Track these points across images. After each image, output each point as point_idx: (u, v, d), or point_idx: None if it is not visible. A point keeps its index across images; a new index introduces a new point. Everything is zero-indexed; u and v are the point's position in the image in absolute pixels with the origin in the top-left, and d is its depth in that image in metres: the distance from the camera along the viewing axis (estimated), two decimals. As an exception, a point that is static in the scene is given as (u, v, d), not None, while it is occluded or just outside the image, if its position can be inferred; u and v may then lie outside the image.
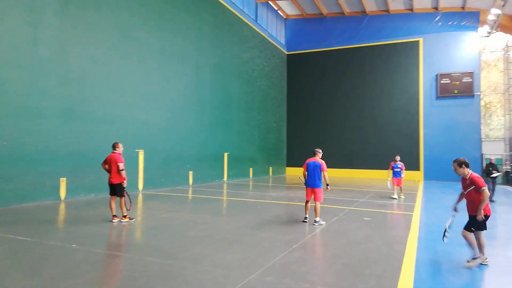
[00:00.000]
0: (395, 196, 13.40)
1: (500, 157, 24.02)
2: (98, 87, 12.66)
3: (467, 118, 24.15)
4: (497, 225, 9.11)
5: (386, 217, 9.33)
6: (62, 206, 10.23)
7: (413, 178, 25.19)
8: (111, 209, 8.17)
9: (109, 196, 8.30)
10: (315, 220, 8.32)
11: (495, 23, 23.45)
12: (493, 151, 24.61)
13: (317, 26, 29.34)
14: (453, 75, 24.48)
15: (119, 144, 8.42)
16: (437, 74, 25.02)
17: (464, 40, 24.58)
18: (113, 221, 8.03)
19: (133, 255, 5.50)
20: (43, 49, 10.83)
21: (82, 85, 12.08)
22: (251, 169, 23.73)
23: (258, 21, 25.57)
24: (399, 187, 13.57)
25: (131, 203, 8.43)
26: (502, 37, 27.04)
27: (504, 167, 23.53)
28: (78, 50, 11.93)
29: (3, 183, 9.69)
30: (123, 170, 8.09)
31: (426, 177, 24.97)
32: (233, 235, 7.05)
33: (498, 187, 20.96)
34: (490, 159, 14.74)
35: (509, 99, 24.48)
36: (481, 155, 23.71)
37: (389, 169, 13.81)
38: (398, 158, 13.97)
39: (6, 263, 5.04)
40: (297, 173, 28.98)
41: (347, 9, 27.63)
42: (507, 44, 24.60)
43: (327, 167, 8.74)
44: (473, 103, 24.15)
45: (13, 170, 9.93)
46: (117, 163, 8.03)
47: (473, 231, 5.34)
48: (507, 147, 23.93)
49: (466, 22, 24.52)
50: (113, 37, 13.30)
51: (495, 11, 22.21)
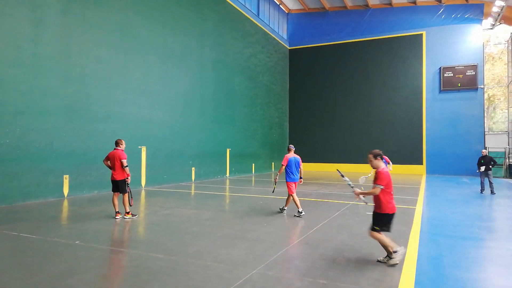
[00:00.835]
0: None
1: (503, 150, 23.92)
2: (100, 85, 12.68)
3: (471, 112, 24.04)
4: (499, 218, 9.10)
5: (389, 212, 9.31)
6: (65, 203, 10.30)
7: (416, 172, 25.15)
8: (114, 205, 8.23)
9: (112, 193, 8.34)
10: (282, 208, 9.23)
11: (499, 15, 23.25)
12: (496, 144, 24.52)
13: (320, 20, 29.20)
14: (456, 68, 24.34)
15: (122, 140, 8.46)
16: (440, 68, 24.87)
17: (467, 33, 24.39)
18: (116, 217, 8.09)
19: (137, 251, 5.54)
20: (45, 47, 10.85)
21: (85, 83, 12.11)
22: (253, 164, 23.76)
23: (260, 16, 25.48)
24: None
25: (132, 199, 8.45)
26: (506, 30, 26.84)
27: (507, 160, 23.44)
28: (80, 49, 11.94)
29: (7, 180, 9.76)
30: (127, 166, 8.16)
31: (429, 171, 24.93)
32: (236, 231, 7.07)
33: (501, 180, 20.93)
34: (482, 152, 14.68)
35: (513, 92, 24.32)
36: (485, 148, 23.62)
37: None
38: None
39: (10, 260, 5.09)
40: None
41: (349, 3, 27.47)
42: (511, 36, 24.38)
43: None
44: (476, 96, 24.02)
45: (17, 168, 10.00)
46: (120, 159, 8.08)
47: (377, 230, 5.01)
48: (511, 140, 23.80)
49: (469, 14, 24.32)
50: (115, 35, 13.30)
51: (499, 3, 22.01)
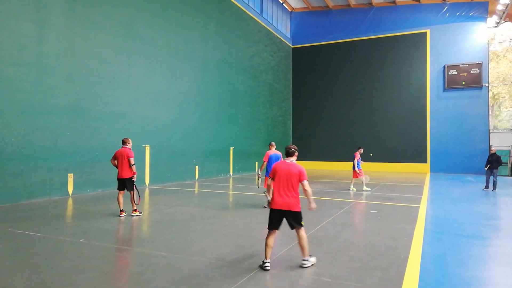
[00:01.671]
0: (367, 188, 13.76)
1: (508, 149, 23.79)
2: (104, 84, 12.73)
3: (475, 110, 23.90)
4: (504, 217, 9.05)
5: (392, 210, 9.31)
6: (70, 202, 10.36)
7: (420, 170, 25.07)
8: (119, 203, 8.29)
9: (117, 191, 8.40)
10: (267, 204, 9.23)
11: (503, 13, 23.11)
12: (501, 142, 24.39)
13: (323, 19, 29.12)
14: (461, 66, 24.20)
15: (129, 139, 8.57)
16: (444, 66, 24.74)
17: (472, 31, 24.24)
18: (120, 215, 8.15)
19: (141, 249, 5.57)
20: (49, 47, 10.90)
21: (89, 82, 12.16)
22: (256, 163, 23.75)
23: (263, 15, 25.44)
24: (357, 178, 13.93)
25: (139, 198, 8.57)
26: (511, 27, 26.66)
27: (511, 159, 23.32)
28: (84, 48, 11.99)
29: (12, 179, 9.82)
30: (134, 164, 8.27)
31: (433, 170, 24.83)
32: (239, 229, 7.09)
33: (506, 178, 20.84)
34: (492, 150, 14.85)
35: (518, 90, 24.17)
36: (489, 146, 23.50)
37: (358, 160, 13.84)
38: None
39: (15, 258, 5.13)
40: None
41: (353, 1, 27.37)
42: (516, 34, 24.22)
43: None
44: (481, 95, 23.88)
45: (22, 167, 10.06)
46: (128, 158, 8.19)
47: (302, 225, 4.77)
48: (516, 138, 23.67)
49: (474, 12, 24.16)
50: (118, 34, 13.34)
51: (504, 1, 21.88)
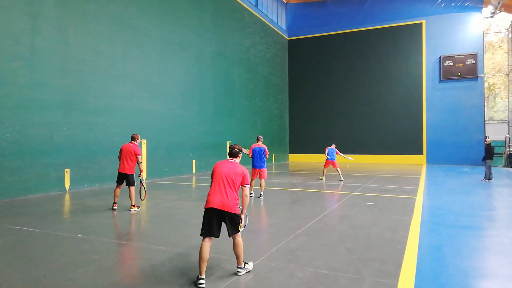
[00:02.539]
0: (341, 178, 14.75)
1: (504, 139, 23.93)
2: (99, 78, 12.62)
3: (471, 101, 23.99)
4: (500, 207, 9.13)
5: (389, 202, 9.36)
6: (67, 197, 10.33)
7: (416, 162, 25.19)
8: (114, 196, 8.40)
9: (116, 184, 8.46)
10: (260, 194, 9.96)
11: (499, 3, 23.09)
12: (496, 133, 24.53)
13: (319, 10, 28.98)
14: (456, 57, 24.22)
15: (138, 136, 8.63)
16: (440, 57, 24.75)
17: (467, 22, 24.22)
18: (113, 207, 8.26)
19: (139, 244, 5.57)
20: (43, 40, 10.77)
21: (83, 76, 12.05)
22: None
23: (258, 7, 25.26)
24: (337, 169, 15.01)
25: (146, 193, 8.76)
26: (506, 18, 26.67)
27: (507, 149, 23.47)
28: (78, 41, 11.86)
29: (9, 175, 9.77)
30: (141, 162, 8.44)
31: (429, 161, 24.95)
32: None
33: (501, 169, 21.00)
34: (487, 141, 15.08)
35: (513, 81, 24.26)
36: (485, 137, 23.65)
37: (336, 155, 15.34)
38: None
39: (13, 253, 5.12)
40: (300, 160, 29.04)
41: (348, -8, 27.22)
42: (511, 24, 24.23)
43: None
44: (476, 85, 23.95)
45: (18, 162, 10.00)
46: (136, 155, 8.26)
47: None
48: (511, 129, 23.80)
49: (469, 3, 24.12)
50: (113, 27, 13.20)
51: (499, -10, 21.82)
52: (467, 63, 23.97)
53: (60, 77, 11.28)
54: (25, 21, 10.28)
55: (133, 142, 8.43)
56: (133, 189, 8.25)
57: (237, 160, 4.47)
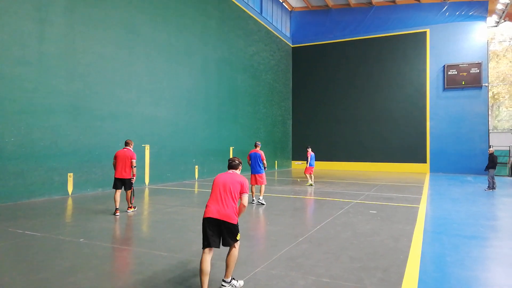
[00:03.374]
0: (312, 183, 15.33)
1: (508, 149, 23.80)
2: (104, 83, 12.72)
3: (475, 110, 23.91)
4: (504, 217, 9.07)
5: (392, 210, 9.32)
6: (69, 201, 10.36)
7: (419, 170, 25.08)
8: (115, 202, 8.50)
9: (114, 190, 8.63)
10: (259, 199, 9.96)
11: (503, 12, 23.13)
12: (501, 142, 24.42)
13: (323, 18, 29.12)
14: (460, 66, 24.21)
15: (132, 141, 8.96)
16: (444, 65, 24.75)
17: (472, 31, 24.24)
18: (116, 214, 8.34)
19: (141, 249, 5.57)
20: (50, 46, 10.89)
21: (89, 81, 12.15)
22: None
23: (263, 14, 25.43)
24: (311, 175, 15.55)
25: (134, 197, 8.91)
26: (510, 27, 26.68)
27: (511, 159, 23.33)
28: (84, 47, 11.98)
29: (12, 178, 9.82)
30: (135, 166, 8.65)
31: (433, 170, 24.84)
32: (240, 228, 7.09)
33: (505, 178, 20.88)
34: (489, 150, 15.09)
35: (517, 90, 24.19)
36: (489, 146, 23.55)
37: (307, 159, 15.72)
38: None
39: (15, 257, 5.13)
40: (303, 167, 28.98)
41: (353, 1, 27.36)
42: (516, 34, 24.22)
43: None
44: (480, 94, 23.89)
45: (22, 166, 10.06)
46: (131, 160, 8.51)
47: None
48: (516, 138, 23.69)
49: (474, 12, 24.16)
50: (119, 33, 13.33)
51: (504, 0, 21.86)
52: (471, 72, 23.95)
53: (66, 82, 11.38)
54: (32, 26, 10.41)
55: (127, 147, 8.67)
56: (129, 192, 8.61)
57: (237, 171, 4.39)
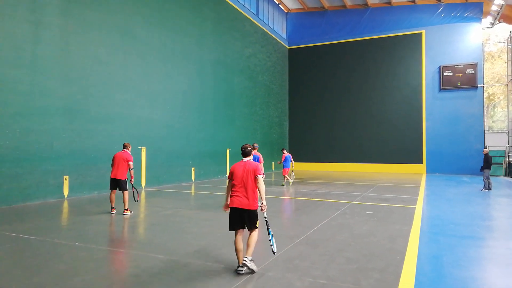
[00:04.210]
0: (290, 180, 16.42)
1: (503, 149, 23.93)
2: (100, 85, 12.68)
3: (470, 110, 24.04)
4: (499, 217, 9.10)
5: (388, 211, 9.34)
6: (65, 204, 10.30)
7: (416, 171, 25.16)
8: (111, 201, 8.77)
9: (110, 190, 8.91)
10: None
11: (498, 13, 23.27)
12: (496, 143, 24.54)
13: (319, 20, 29.20)
14: (456, 67, 24.34)
15: (129, 144, 9.24)
16: (440, 66, 24.88)
17: (467, 32, 24.39)
18: (111, 212, 8.70)
19: (137, 252, 5.55)
20: (45, 48, 10.84)
21: (84, 84, 12.10)
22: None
23: (259, 16, 25.47)
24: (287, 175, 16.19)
25: (138, 194, 9.19)
26: (505, 28, 26.86)
27: (507, 159, 23.45)
28: (79, 49, 11.94)
29: (7, 182, 9.76)
30: (133, 168, 8.92)
31: (429, 170, 24.93)
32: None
33: (501, 179, 20.98)
34: (483, 150, 15.09)
35: (512, 91, 24.33)
36: (484, 147, 23.66)
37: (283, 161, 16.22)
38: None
39: (11, 261, 5.09)
40: (299, 168, 29.01)
41: (349, 2, 27.47)
42: (510, 34, 24.39)
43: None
44: (476, 95, 24.03)
45: (17, 169, 9.99)
46: (128, 162, 8.80)
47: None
48: (511, 139, 23.81)
49: (469, 13, 24.31)
50: (114, 35, 13.29)
51: (498, 1, 22.02)
52: (466, 73, 24.08)
53: (61, 85, 11.33)
54: (27, 29, 10.37)
55: (125, 150, 9.00)
56: (126, 194, 8.74)
57: (250, 158, 4.93)
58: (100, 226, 7.43)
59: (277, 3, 28.71)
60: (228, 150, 20.69)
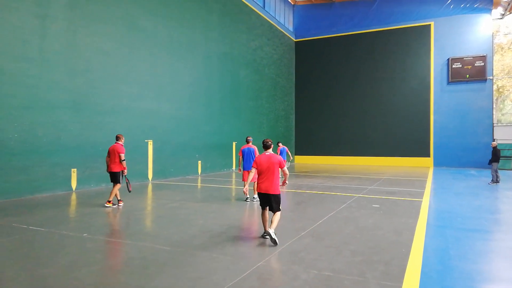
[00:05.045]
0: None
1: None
2: (106, 78, 12.73)
3: (479, 103, 23.74)
4: (508, 211, 9.03)
5: (394, 204, 9.30)
6: (73, 196, 10.41)
7: (423, 164, 24.99)
8: (116, 195, 8.81)
9: (112, 184, 8.87)
10: (253, 197, 9.69)
11: (509, 4, 22.87)
12: (505, 136, 24.22)
13: (326, 12, 28.92)
14: (465, 59, 24.00)
15: (122, 136, 9.02)
16: (448, 59, 24.55)
17: (476, 23, 23.99)
18: (119, 205, 8.76)
19: (144, 243, 5.60)
20: (51, 41, 10.90)
21: (91, 76, 12.16)
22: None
23: (266, 8, 25.29)
24: None
25: (130, 185, 8.99)
26: (516, 19, 26.38)
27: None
28: (86, 42, 11.98)
29: (16, 174, 9.88)
30: (124, 160, 8.72)
31: (436, 164, 24.74)
32: (242, 223, 7.12)
33: (510, 172, 20.77)
34: (492, 144, 14.92)
35: (522, 83, 23.98)
36: (493, 140, 23.37)
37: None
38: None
39: (19, 252, 5.17)
40: (305, 161, 28.99)
41: (355, -6, 27.14)
42: (521, 26, 23.96)
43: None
44: (485, 88, 23.70)
45: (25, 162, 10.11)
46: (119, 154, 8.63)
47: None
48: (520, 132, 23.49)
49: (478, 4, 23.89)
50: (120, 28, 13.31)
51: (509, -8, 21.60)
52: (475, 65, 23.74)
53: (68, 78, 11.39)
54: (34, 22, 10.41)
55: (118, 142, 8.81)
56: (116, 187, 8.68)
57: (271, 150, 5.90)
58: (107, 218, 7.51)
59: (284, -5, 28.47)
60: (234, 143, 20.71)
